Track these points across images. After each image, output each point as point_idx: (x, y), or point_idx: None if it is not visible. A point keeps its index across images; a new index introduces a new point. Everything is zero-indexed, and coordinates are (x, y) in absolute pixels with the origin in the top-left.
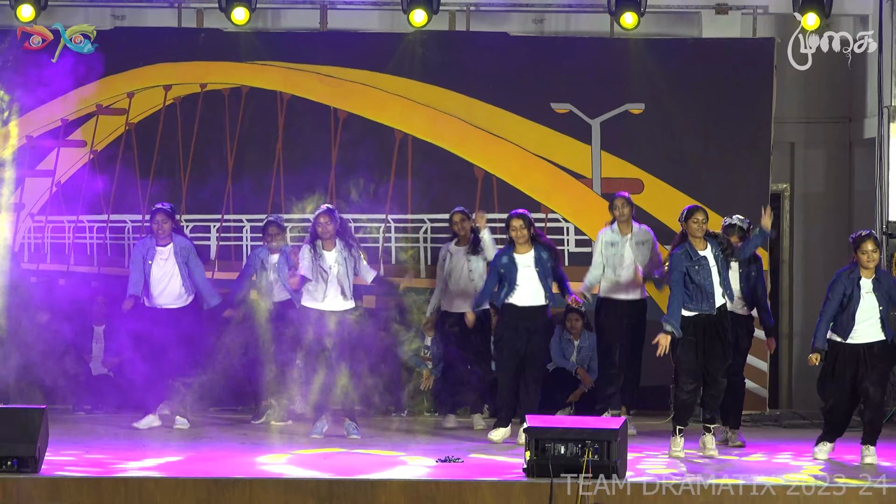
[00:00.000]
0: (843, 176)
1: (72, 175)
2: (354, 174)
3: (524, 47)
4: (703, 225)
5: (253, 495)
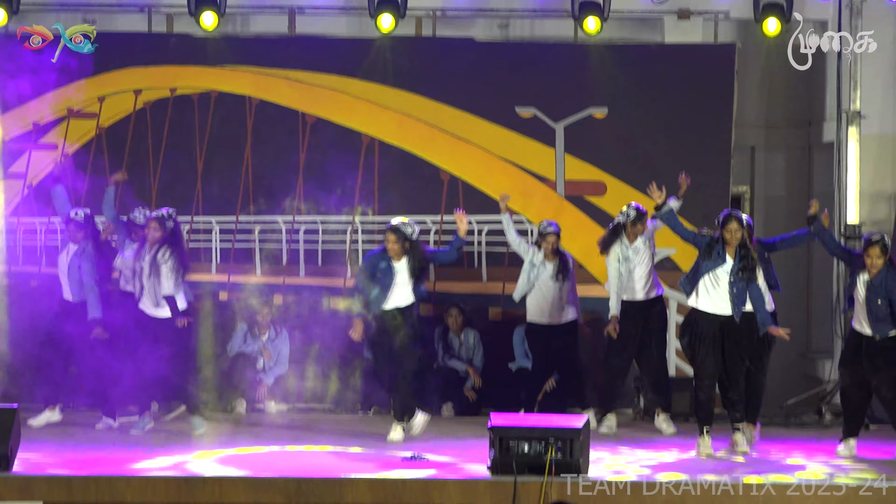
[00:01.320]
0: (802, 179)
1: (43, 178)
2: (322, 177)
3: (489, 52)
4: (735, 234)
5: (223, 493)
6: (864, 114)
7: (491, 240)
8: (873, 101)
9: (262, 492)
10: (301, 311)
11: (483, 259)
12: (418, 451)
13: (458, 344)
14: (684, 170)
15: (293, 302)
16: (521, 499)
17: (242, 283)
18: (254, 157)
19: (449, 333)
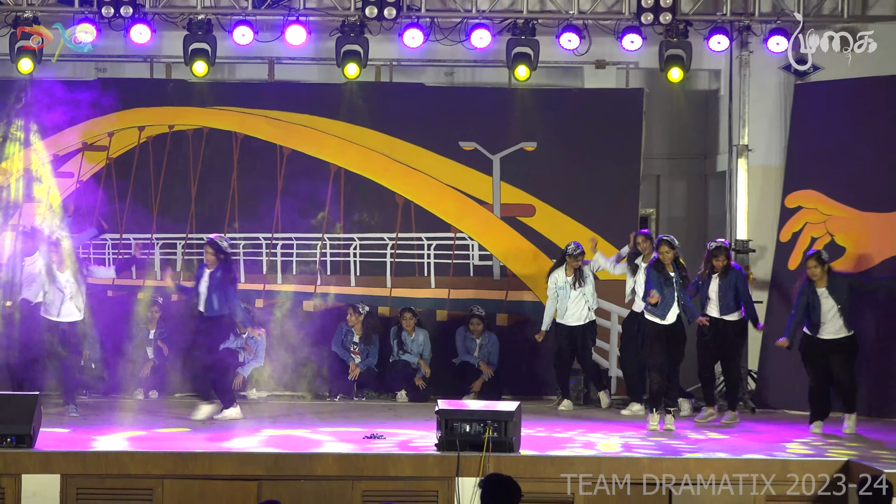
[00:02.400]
0: (699, 203)
1: (60, 202)
2: (297, 201)
3: (437, 95)
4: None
5: (212, 466)
6: (752, 147)
7: (438, 253)
8: (759, 136)
9: (245, 465)
10: (278, 313)
11: (432, 269)
12: (377, 432)
13: (411, 341)
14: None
15: (272, 304)
16: (463, 471)
17: None
18: (239, 183)
19: (403, 332)
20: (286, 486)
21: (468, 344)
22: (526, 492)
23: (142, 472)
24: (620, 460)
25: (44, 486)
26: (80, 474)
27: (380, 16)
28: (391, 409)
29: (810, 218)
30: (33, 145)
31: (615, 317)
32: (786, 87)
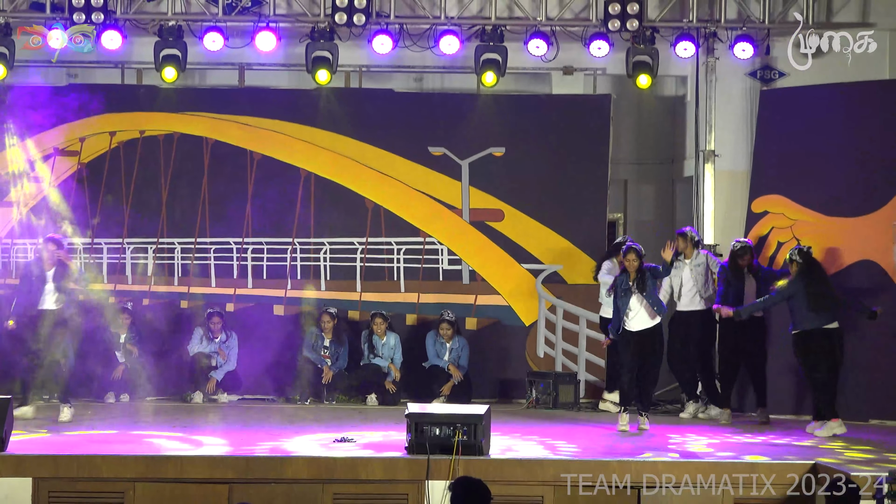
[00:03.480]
0: (667, 207)
1: (33, 206)
2: (267, 205)
3: (406, 101)
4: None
5: (184, 469)
6: (718, 153)
7: (407, 258)
8: (725, 142)
9: (216, 468)
10: (249, 316)
11: (401, 274)
12: (347, 435)
13: (382, 344)
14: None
15: (242, 308)
16: (433, 474)
17: (200, 293)
18: (210, 187)
19: (374, 336)
20: (257, 490)
21: (438, 348)
22: (496, 494)
23: (113, 475)
24: (589, 463)
25: (15, 490)
26: (52, 477)
27: (349, 22)
28: (361, 413)
29: (776, 222)
30: (7, 149)
31: (583, 321)
32: (751, 93)
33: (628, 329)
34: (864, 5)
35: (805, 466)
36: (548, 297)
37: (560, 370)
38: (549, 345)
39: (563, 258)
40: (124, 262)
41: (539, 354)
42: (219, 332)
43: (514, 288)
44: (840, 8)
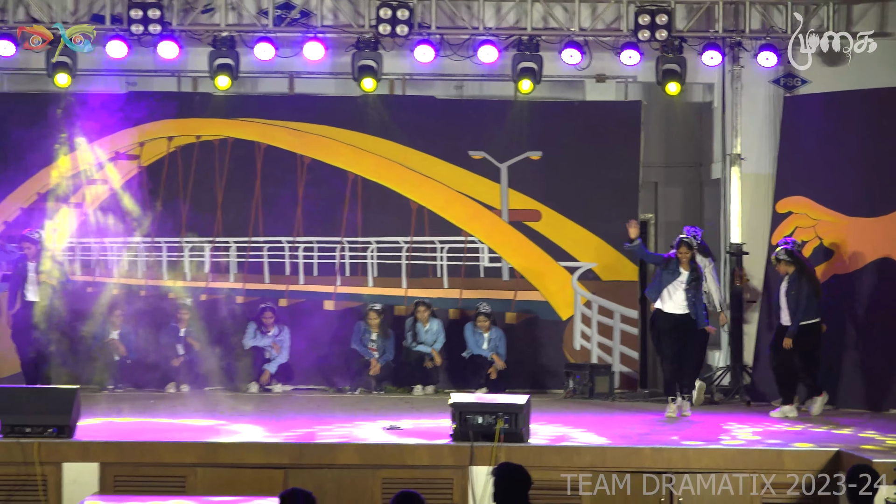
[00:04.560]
0: (695, 208)
1: (96, 207)
2: (317, 206)
3: (447, 107)
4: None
5: (241, 455)
6: (744, 156)
7: (450, 255)
8: (751, 146)
9: (271, 454)
10: (301, 311)
11: (444, 270)
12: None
13: (425, 331)
14: (601, 200)
15: (295, 304)
16: (476, 460)
17: (254, 289)
18: (262, 189)
19: (417, 323)
20: (310, 475)
21: (477, 338)
22: (535, 480)
23: (175, 461)
24: (624, 450)
25: (83, 474)
26: (117, 462)
27: (393, 33)
28: (408, 402)
29: (800, 223)
30: (71, 154)
31: (618, 316)
32: (775, 99)
33: (666, 312)
34: (882, 15)
35: (829, 454)
36: (583, 293)
37: (595, 362)
38: (585, 338)
39: (598, 256)
40: (183, 260)
41: (575, 347)
42: (271, 326)
43: (551, 284)
44: (860, 18)
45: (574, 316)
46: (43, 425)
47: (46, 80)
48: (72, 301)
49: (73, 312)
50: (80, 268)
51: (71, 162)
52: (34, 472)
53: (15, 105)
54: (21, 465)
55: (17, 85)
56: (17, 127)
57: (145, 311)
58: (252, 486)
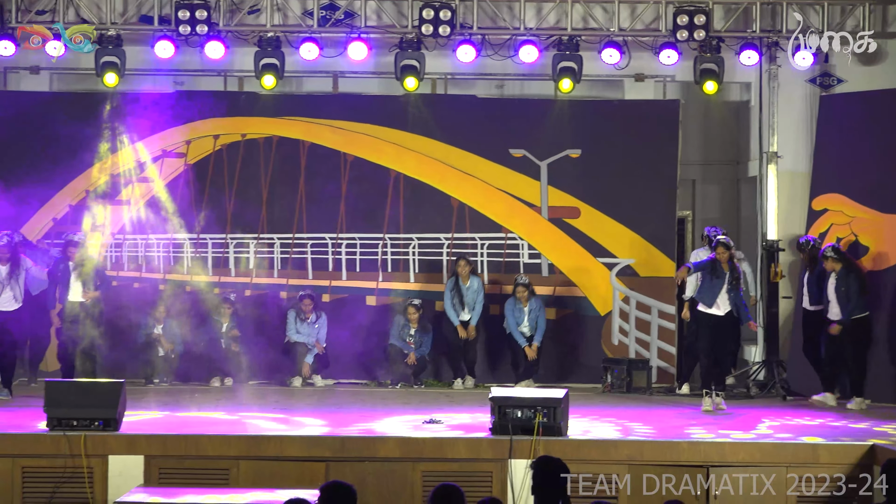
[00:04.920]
0: (732, 205)
1: (143, 204)
2: (359, 203)
3: (488, 106)
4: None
5: (283, 448)
6: (780, 154)
7: (490, 252)
8: (787, 144)
9: (313, 447)
10: (343, 307)
11: (485, 267)
12: (435, 417)
13: (466, 288)
14: (639, 197)
15: (337, 299)
16: (515, 453)
17: (298, 285)
18: (306, 187)
19: (459, 280)
20: (352, 468)
21: (517, 314)
22: (573, 472)
23: (218, 454)
24: (661, 443)
25: (128, 467)
26: (161, 455)
27: (435, 33)
28: (448, 396)
29: (835, 219)
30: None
31: (655, 311)
32: (812, 98)
33: (708, 313)
34: None
35: (863, 448)
36: (621, 289)
37: (633, 357)
38: (623, 333)
39: (636, 252)
40: (227, 256)
41: (613, 342)
42: (310, 312)
43: (589, 280)
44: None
45: (612, 311)
46: (89, 418)
47: (95, 80)
48: (117, 297)
49: (118, 308)
50: (126, 264)
51: (118, 160)
52: (80, 464)
53: (64, 104)
54: (68, 457)
55: (66, 84)
56: (65, 126)
57: (190, 306)
58: (294, 479)
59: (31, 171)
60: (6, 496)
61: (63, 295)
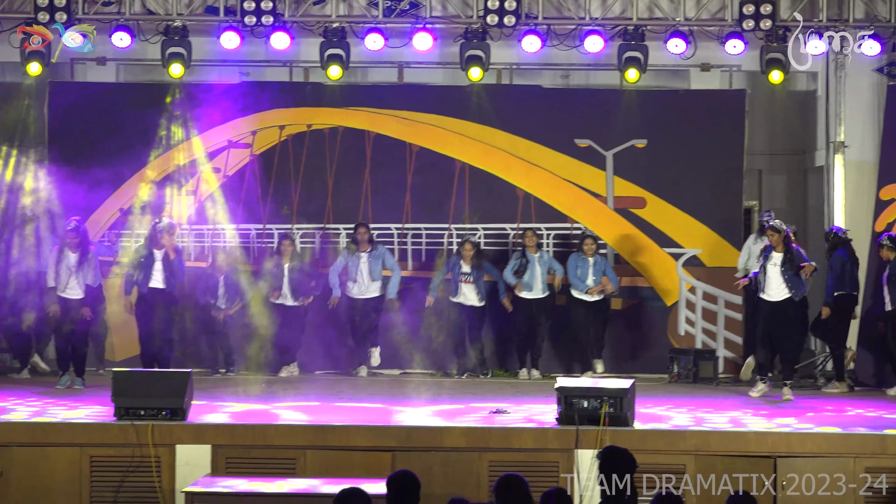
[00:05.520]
0: (798, 195)
1: (209, 194)
2: (425, 194)
3: (554, 96)
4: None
5: (349, 437)
6: (847, 144)
7: (556, 242)
8: (854, 134)
9: (380, 437)
10: (409, 297)
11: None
12: (501, 407)
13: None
14: (705, 187)
15: (403, 289)
16: (581, 443)
17: None
18: (371, 177)
19: (526, 251)
20: (418, 457)
21: (580, 266)
22: (640, 463)
23: (285, 444)
24: (728, 434)
25: (196, 456)
26: (228, 445)
27: (500, 23)
28: (514, 386)
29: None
30: (185, 142)
31: (722, 301)
32: (879, 87)
33: (764, 298)
34: None
35: None
36: (688, 279)
37: (700, 347)
38: (690, 323)
39: (702, 242)
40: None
41: (680, 332)
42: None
43: (656, 270)
44: None
45: (679, 301)
46: (157, 408)
47: (161, 71)
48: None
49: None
50: (193, 254)
51: (184, 150)
52: (148, 453)
53: (130, 95)
54: (135, 446)
55: (132, 75)
56: (131, 116)
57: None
58: (361, 469)
59: (99, 161)
60: (74, 485)
61: (146, 281)
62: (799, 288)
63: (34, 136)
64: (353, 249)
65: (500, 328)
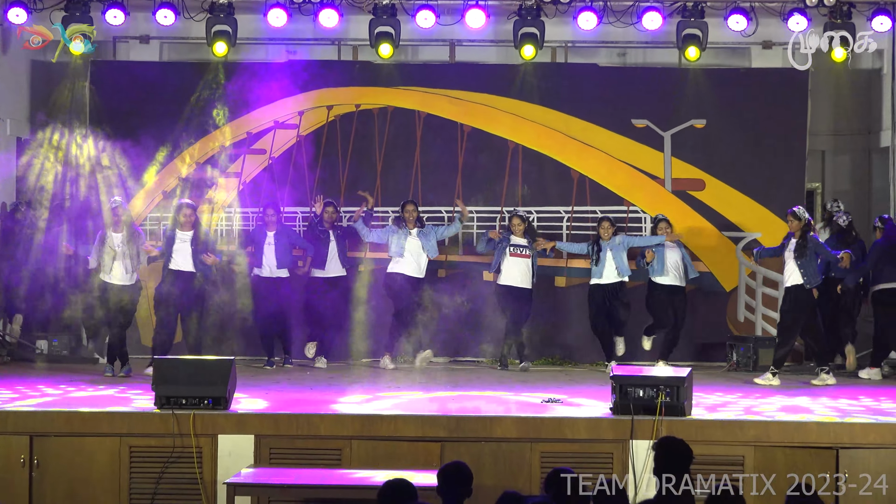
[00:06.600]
0: (863, 177)
1: (254, 176)
2: (477, 175)
3: (610, 75)
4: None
5: (398, 428)
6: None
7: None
8: None
9: (428, 427)
10: (459, 282)
11: None
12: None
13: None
14: (766, 169)
15: (453, 274)
16: (637, 434)
17: None
18: (422, 158)
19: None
20: (467, 448)
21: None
22: (697, 454)
23: (331, 434)
24: (789, 424)
25: (238, 446)
26: (272, 435)
27: (555, 0)
28: (566, 374)
29: None
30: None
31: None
32: None
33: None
34: None
35: None
36: (748, 264)
37: (760, 335)
38: (749, 310)
39: (763, 226)
40: None
41: (739, 319)
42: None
43: (715, 254)
44: None
45: (738, 287)
46: (199, 397)
47: (206, 49)
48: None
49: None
50: (238, 238)
51: (229, 131)
52: (190, 443)
53: (174, 74)
54: (177, 436)
55: (176, 54)
56: (177, 96)
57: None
58: (409, 459)
59: (141, 142)
60: (113, 477)
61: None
62: (813, 276)
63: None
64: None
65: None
